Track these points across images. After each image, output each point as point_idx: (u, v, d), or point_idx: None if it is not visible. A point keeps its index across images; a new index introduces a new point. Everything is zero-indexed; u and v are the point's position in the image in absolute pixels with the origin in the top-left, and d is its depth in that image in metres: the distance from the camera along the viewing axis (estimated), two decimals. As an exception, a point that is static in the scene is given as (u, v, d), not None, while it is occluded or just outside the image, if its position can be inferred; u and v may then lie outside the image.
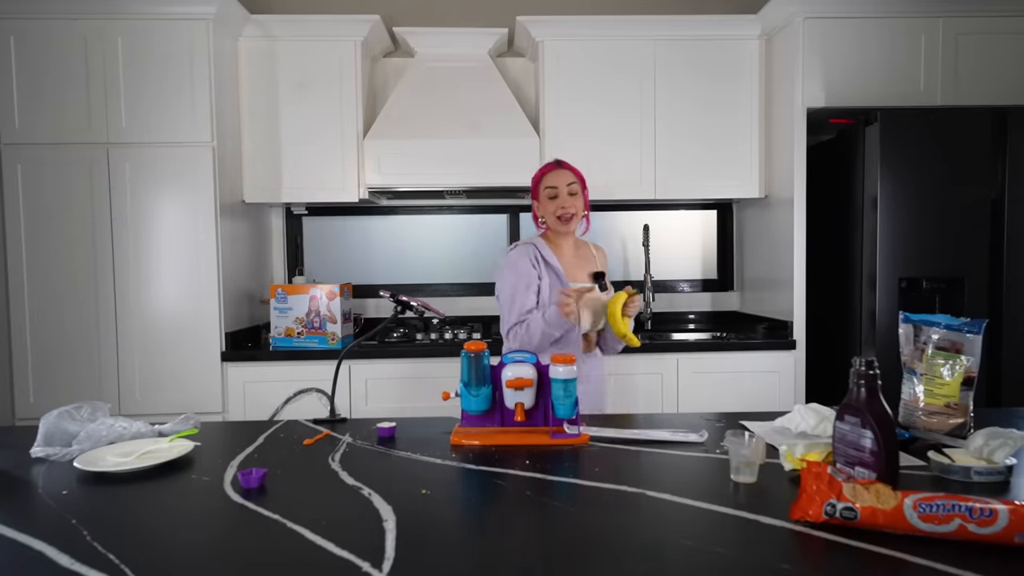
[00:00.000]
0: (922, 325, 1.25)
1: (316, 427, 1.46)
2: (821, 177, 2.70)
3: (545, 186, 1.93)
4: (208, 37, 2.57)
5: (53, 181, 2.56)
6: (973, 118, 2.42)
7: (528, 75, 3.19)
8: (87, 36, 2.54)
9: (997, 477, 1.04)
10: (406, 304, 1.71)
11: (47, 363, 2.59)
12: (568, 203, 1.89)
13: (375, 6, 3.01)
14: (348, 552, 0.84)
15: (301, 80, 2.82)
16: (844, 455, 1.03)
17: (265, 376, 2.63)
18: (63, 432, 1.27)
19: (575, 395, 1.33)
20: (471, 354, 1.33)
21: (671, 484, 1.06)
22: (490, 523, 0.97)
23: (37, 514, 1.00)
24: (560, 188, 1.90)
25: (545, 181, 1.93)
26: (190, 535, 0.93)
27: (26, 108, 2.54)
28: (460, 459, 1.23)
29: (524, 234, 3.29)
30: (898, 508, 0.84)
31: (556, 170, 1.93)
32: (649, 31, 2.86)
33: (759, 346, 2.67)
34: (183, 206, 2.60)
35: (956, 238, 2.43)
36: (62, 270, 2.58)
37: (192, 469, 1.18)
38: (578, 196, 1.91)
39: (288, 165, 2.83)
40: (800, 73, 2.63)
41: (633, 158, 2.90)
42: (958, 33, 2.62)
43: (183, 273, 2.61)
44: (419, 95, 2.88)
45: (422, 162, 2.79)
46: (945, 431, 1.21)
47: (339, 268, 3.26)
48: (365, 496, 1.04)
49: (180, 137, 2.58)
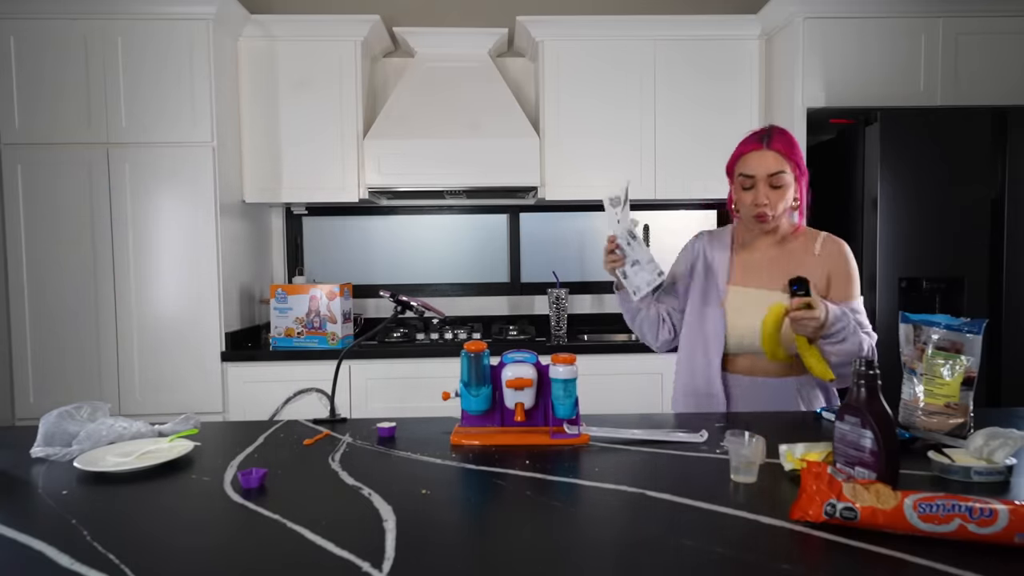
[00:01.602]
0: (922, 325, 1.25)
1: (316, 427, 1.46)
2: (821, 177, 2.69)
3: (739, 173, 1.53)
4: (208, 37, 2.57)
5: (53, 181, 2.56)
6: (973, 118, 2.42)
7: (528, 75, 3.19)
8: (87, 36, 2.54)
9: (997, 477, 1.04)
10: (406, 304, 1.71)
11: (47, 363, 2.59)
12: (768, 197, 1.48)
13: (375, 6, 3.01)
14: (348, 552, 0.84)
15: (301, 80, 2.82)
16: (844, 455, 1.03)
17: (265, 376, 2.63)
18: (63, 432, 1.27)
19: (575, 395, 1.33)
20: (471, 354, 1.32)
21: (671, 484, 1.06)
22: (490, 523, 0.97)
23: (37, 514, 1.00)
24: (759, 177, 1.49)
25: (741, 166, 1.52)
26: (190, 535, 0.93)
27: (26, 108, 2.54)
28: (460, 459, 1.22)
29: (524, 234, 3.30)
30: (898, 508, 0.84)
31: (759, 151, 1.49)
32: (649, 31, 2.86)
33: (759, 346, 2.67)
34: (183, 206, 2.60)
35: (956, 238, 2.43)
36: (62, 270, 2.58)
37: (192, 469, 1.18)
38: (786, 188, 1.48)
39: (288, 165, 2.83)
40: (800, 73, 2.63)
41: (633, 158, 2.90)
42: (958, 33, 2.62)
43: (183, 273, 2.61)
44: (419, 95, 2.88)
45: (422, 162, 2.79)
46: (945, 431, 1.21)
47: (339, 268, 3.26)
48: (365, 496, 1.04)
49: (180, 137, 2.58)
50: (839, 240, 1.56)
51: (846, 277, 1.52)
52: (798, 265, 1.53)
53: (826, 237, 1.56)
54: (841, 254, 1.53)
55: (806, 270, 1.50)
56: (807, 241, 1.56)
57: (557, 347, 2.71)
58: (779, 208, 1.51)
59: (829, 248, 1.54)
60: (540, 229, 3.31)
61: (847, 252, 1.54)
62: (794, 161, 1.50)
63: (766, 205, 1.50)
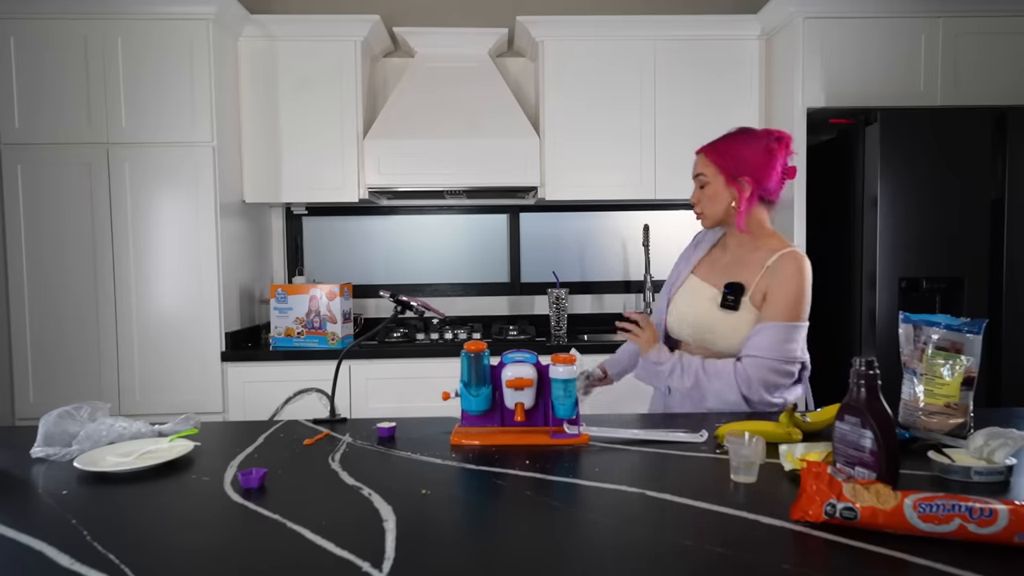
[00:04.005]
0: (922, 325, 1.25)
1: (316, 427, 1.46)
2: (821, 177, 2.69)
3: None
4: (208, 37, 2.57)
5: (53, 181, 2.56)
6: (973, 118, 2.42)
7: (528, 75, 3.19)
8: (87, 36, 2.54)
9: (997, 477, 1.04)
10: (406, 304, 1.71)
11: (47, 363, 2.59)
12: (696, 197, 1.60)
13: (375, 6, 3.01)
14: (348, 552, 0.84)
15: (301, 80, 2.82)
16: (844, 455, 1.03)
17: (265, 376, 2.63)
18: (63, 432, 1.27)
19: (575, 395, 1.32)
20: (471, 354, 1.32)
21: (671, 484, 1.06)
22: (490, 523, 0.97)
23: (37, 514, 1.00)
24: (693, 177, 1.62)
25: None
26: (190, 535, 0.93)
27: (26, 108, 2.54)
28: (460, 459, 1.22)
29: (524, 234, 3.30)
30: (898, 508, 0.84)
31: (697, 154, 1.61)
32: (649, 31, 2.86)
33: (759, 346, 2.67)
34: (183, 206, 2.60)
35: (956, 238, 2.43)
36: (62, 270, 2.58)
37: (192, 469, 1.18)
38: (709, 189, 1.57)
39: (288, 165, 2.83)
40: (800, 73, 2.63)
41: (633, 158, 2.90)
42: (958, 33, 2.62)
43: (183, 273, 2.61)
44: (419, 95, 2.88)
45: (422, 162, 2.79)
46: (945, 431, 1.21)
47: (339, 268, 3.26)
48: (365, 496, 1.04)
49: (180, 137, 2.58)
50: (797, 260, 1.51)
51: (777, 296, 1.49)
52: (745, 272, 1.55)
53: (785, 254, 1.52)
54: (785, 274, 1.49)
55: (748, 279, 1.53)
56: (769, 253, 1.54)
57: (557, 347, 2.71)
58: (707, 208, 1.59)
59: (779, 264, 1.51)
60: (540, 229, 3.31)
61: (791, 273, 1.49)
62: (719, 165, 1.55)
63: (696, 203, 1.61)
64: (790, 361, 1.48)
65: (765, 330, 1.48)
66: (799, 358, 1.50)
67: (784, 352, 1.47)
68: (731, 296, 1.51)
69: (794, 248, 1.54)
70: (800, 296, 1.49)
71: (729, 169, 1.55)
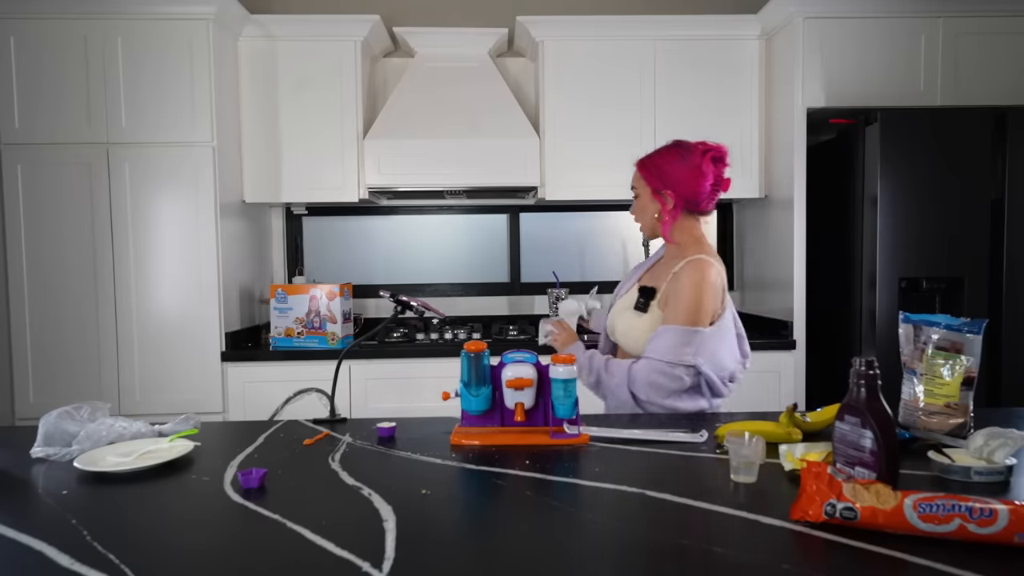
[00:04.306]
0: (922, 325, 1.25)
1: (316, 427, 1.46)
2: (821, 177, 2.70)
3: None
4: (208, 37, 2.56)
5: (53, 181, 2.56)
6: (973, 118, 2.42)
7: (528, 75, 3.19)
8: (87, 36, 2.54)
9: (997, 477, 1.04)
10: (406, 304, 1.71)
11: (47, 363, 2.59)
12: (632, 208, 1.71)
13: (375, 6, 3.01)
14: (348, 552, 0.84)
15: (301, 80, 2.82)
16: (844, 455, 1.03)
17: (265, 376, 2.63)
18: (63, 432, 1.27)
19: (575, 395, 1.33)
20: (471, 354, 1.32)
21: (671, 484, 1.06)
22: (490, 523, 0.97)
23: (37, 514, 1.00)
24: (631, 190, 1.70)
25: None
26: (190, 535, 0.93)
27: (26, 108, 2.54)
28: (460, 459, 1.22)
29: (524, 234, 3.30)
30: (898, 508, 0.84)
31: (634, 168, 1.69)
32: (649, 31, 2.86)
33: (759, 346, 2.67)
34: (183, 206, 2.60)
35: (956, 238, 2.43)
36: (62, 270, 2.58)
37: (192, 469, 1.18)
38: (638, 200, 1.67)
39: (288, 165, 2.83)
40: (800, 73, 2.63)
41: (633, 158, 2.89)
42: (958, 33, 2.62)
43: (183, 273, 2.61)
44: (419, 95, 2.88)
45: (422, 162, 2.79)
46: (945, 431, 1.21)
47: (339, 268, 3.26)
48: (365, 496, 1.04)
49: (180, 137, 2.58)
50: (701, 267, 1.55)
51: (676, 301, 1.55)
52: (661, 279, 1.63)
53: (690, 260, 1.57)
54: (686, 280, 1.54)
55: (658, 283, 1.62)
56: (679, 261, 1.60)
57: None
58: (638, 218, 1.68)
59: (683, 271, 1.56)
60: (540, 229, 3.31)
61: (693, 280, 1.54)
62: (646, 178, 1.63)
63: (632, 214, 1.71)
64: (680, 365, 1.50)
65: (663, 333, 1.53)
66: (691, 363, 1.51)
67: (676, 355, 1.50)
68: (642, 299, 1.60)
69: (703, 256, 1.58)
70: (698, 302, 1.53)
71: (654, 182, 1.62)
